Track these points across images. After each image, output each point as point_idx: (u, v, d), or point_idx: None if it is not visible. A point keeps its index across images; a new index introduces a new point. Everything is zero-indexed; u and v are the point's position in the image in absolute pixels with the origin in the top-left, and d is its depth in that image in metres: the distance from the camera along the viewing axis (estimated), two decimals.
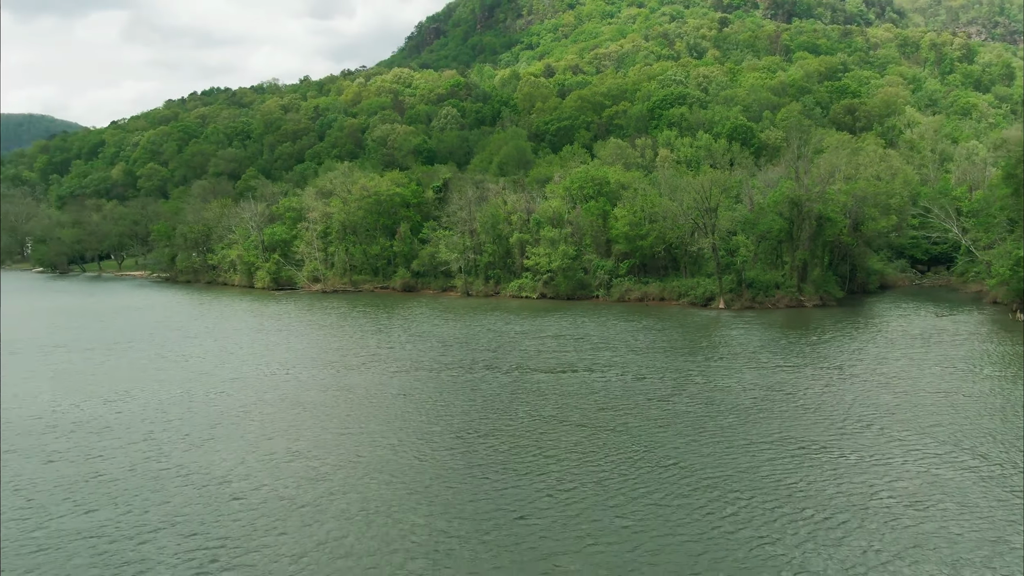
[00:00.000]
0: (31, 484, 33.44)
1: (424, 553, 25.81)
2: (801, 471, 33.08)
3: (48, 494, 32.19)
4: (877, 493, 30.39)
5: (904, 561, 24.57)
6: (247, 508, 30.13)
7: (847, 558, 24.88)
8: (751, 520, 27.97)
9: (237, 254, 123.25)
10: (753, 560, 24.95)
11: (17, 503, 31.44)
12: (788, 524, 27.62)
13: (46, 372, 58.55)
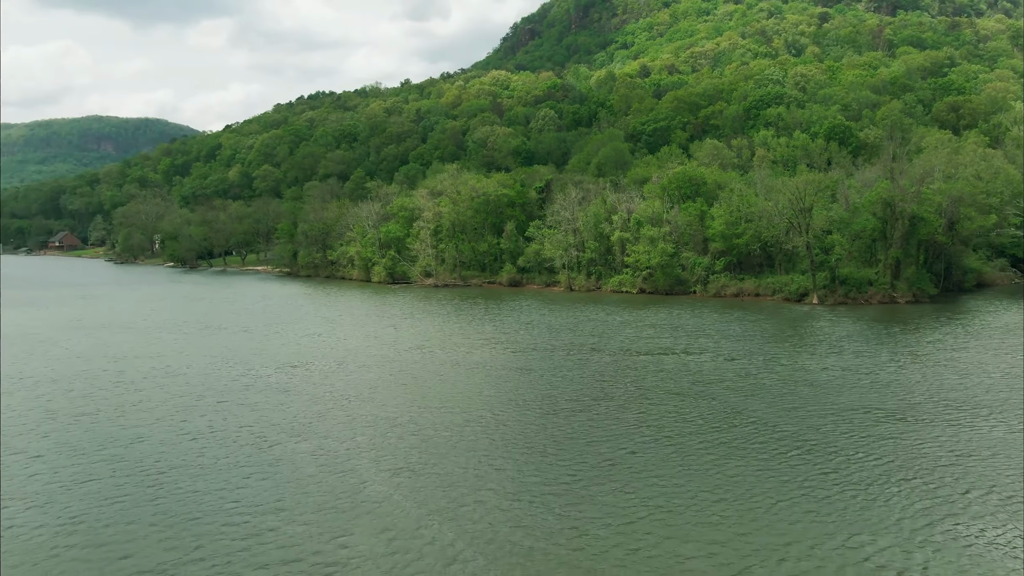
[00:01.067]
0: (271, 421, 43.43)
1: (567, 481, 34.09)
2: (875, 430, 39.87)
3: (291, 425, 42.07)
4: (939, 449, 36.95)
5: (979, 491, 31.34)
6: (425, 440, 39.16)
7: (927, 492, 31.79)
8: (832, 460, 35.09)
9: (356, 250, 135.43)
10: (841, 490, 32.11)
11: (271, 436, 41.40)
12: (876, 473, 34.60)
13: (220, 347, 69.98)
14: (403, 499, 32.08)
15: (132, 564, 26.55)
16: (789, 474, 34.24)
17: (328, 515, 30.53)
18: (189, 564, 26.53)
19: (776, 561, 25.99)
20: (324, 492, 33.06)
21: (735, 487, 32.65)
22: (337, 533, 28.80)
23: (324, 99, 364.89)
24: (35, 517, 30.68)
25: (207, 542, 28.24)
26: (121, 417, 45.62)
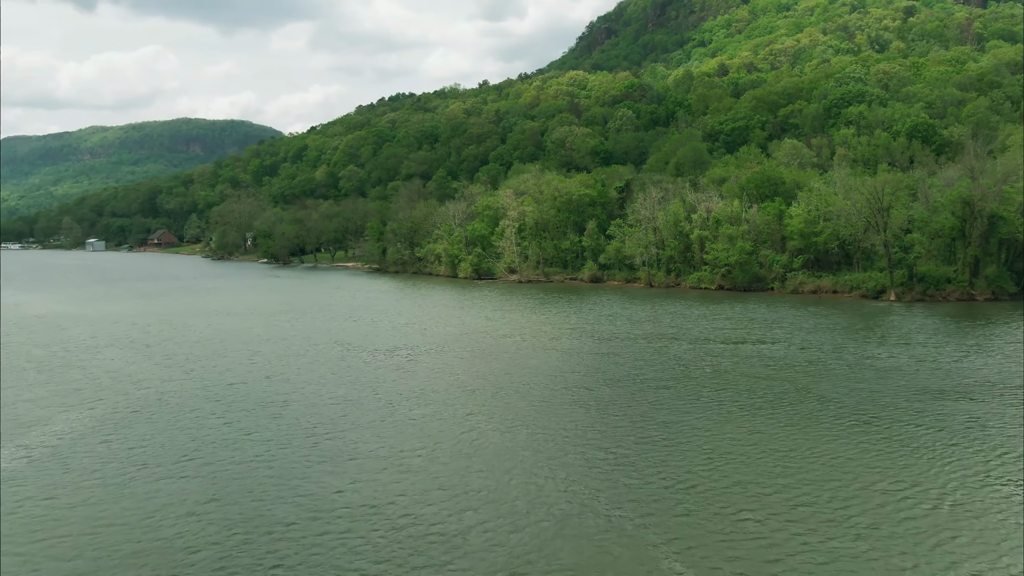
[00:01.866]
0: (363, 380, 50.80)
1: (655, 438, 40.11)
2: (933, 406, 44.63)
3: (401, 389, 49.35)
4: (990, 422, 41.56)
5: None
6: (530, 405, 45.70)
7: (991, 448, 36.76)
8: (888, 429, 40.16)
9: (443, 248, 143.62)
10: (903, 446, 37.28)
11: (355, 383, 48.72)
12: (937, 442, 39.62)
13: (334, 332, 78.24)
14: (519, 448, 38.79)
15: (317, 486, 33.92)
16: (845, 437, 39.64)
17: (459, 459, 37.47)
18: (357, 486, 33.72)
19: (826, 499, 31.59)
20: (451, 442, 40.09)
21: (799, 445, 38.24)
22: (468, 472, 35.66)
23: (404, 100, 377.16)
24: (232, 454, 38.54)
25: (365, 475, 35.49)
26: (270, 387, 53.81)
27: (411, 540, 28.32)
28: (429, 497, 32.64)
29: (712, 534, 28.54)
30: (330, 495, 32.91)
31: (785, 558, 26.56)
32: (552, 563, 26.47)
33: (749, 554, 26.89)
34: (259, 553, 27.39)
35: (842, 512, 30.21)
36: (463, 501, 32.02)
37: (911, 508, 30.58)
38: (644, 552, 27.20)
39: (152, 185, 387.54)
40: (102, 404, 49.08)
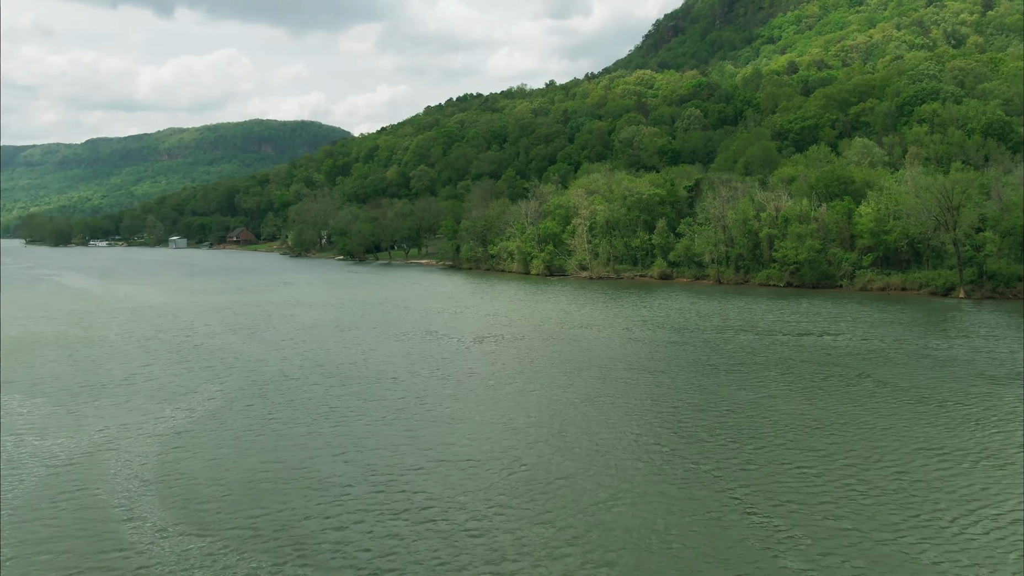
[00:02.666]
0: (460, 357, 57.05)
1: (726, 413, 45.22)
2: (983, 389, 48.61)
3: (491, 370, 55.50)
4: None
5: None
6: (611, 384, 51.26)
7: None
8: (937, 407, 44.46)
9: (515, 245, 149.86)
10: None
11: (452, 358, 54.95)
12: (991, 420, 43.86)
13: (424, 322, 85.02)
14: (605, 414, 44.45)
15: (435, 440, 40.18)
16: (897, 413, 44.24)
17: (553, 423, 43.32)
18: (469, 441, 39.86)
19: (875, 461, 36.36)
20: (545, 411, 46.00)
21: (854, 418, 42.98)
22: (562, 432, 41.47)
23: (472, 101, 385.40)
24: (359, 416, 45.18)
25: (474, 433, 41.66)
26: (375, 367, 60.66)
27: (523, 481, 34.27)
28: (535, 449, 38.59)
29: (773, 480, 33.71)
30: (449, 447, 39.23)
31: (827, 492, 31.59)
32: (646, 493, 32.03)
33: (802, 493, 31.96)
34: (403, 489, 33.70)
35: (878, 462, 35.05)
36: (561, 453, 37.86)
37: (950, 467, 35.23)
38: (719, 491, 32.54)
39: (230, 185, 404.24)
40: (234, 378, 56.54)
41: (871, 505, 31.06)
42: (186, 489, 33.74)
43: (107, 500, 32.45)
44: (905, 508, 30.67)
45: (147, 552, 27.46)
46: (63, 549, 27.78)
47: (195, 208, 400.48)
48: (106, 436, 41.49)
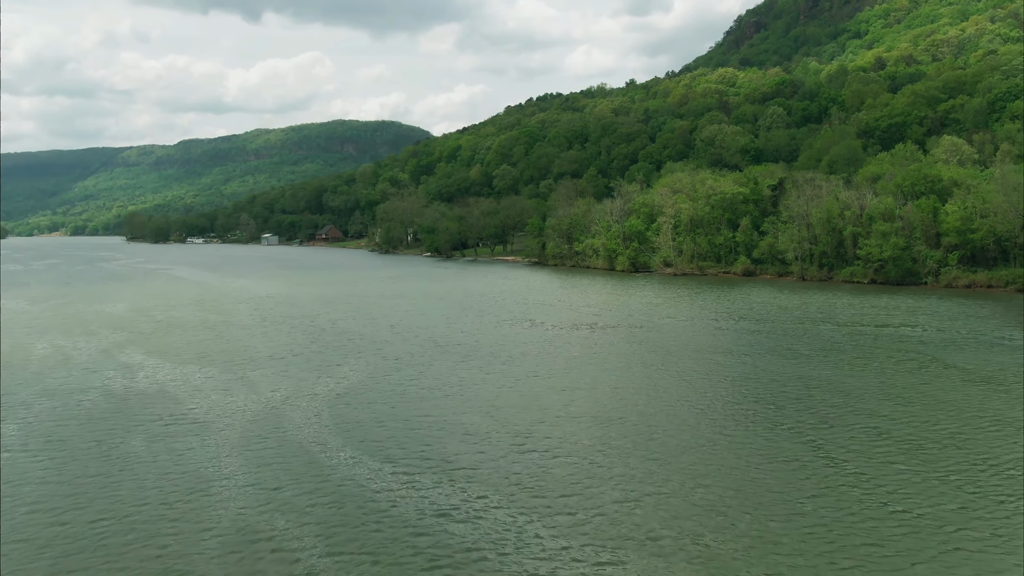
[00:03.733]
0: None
1: (804, 392, 50.78)
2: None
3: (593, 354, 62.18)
4: None
5: None
6: (704, 365, 57.26)
7: None
8: (1009, 389, 49.06)
9: (601, 242, 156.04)
10: None
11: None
12: None
13: (524, 311, 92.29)
14: (695, 387, 50.67)
15: (556, 404, 47.17)
16: (960, 389, 49.12)
17: (651, 398, 49.79)
18: (576, 404, 46.68)
19: (932, 425, 41.58)
20: (646, 380, 52.46)
21: (918, 393, 48.12)
22: (661, 396, 47.91)
23: (552, 101, 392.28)
24: (487, 386, 52.55)
25: (579, 400, 48.47)
26: (488, 349, 68.17)
27: (634, 432, 40.87)
28: (639, 409, 45.17)
29: (844, 435, 39.38)
30: (566, 407, 46.29)
31: (890, 445, 37.13)
32: (742, 443, 38.21)
33: (867, 444, 37.57)
34: (532, 435, 40.70)
35: (935, 426, 40.38)
36: (661, 413, 44.34)
37: (1000, 431, 40.32)
38: (799, 442, 38.47)
39: (318, 184, 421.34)
40: (367, 356, 64.76)
41: (930, 455, 36.55)
42: (360, 432, 41.57)
43: (301, 437, 40.53)
44: (956, 458, 36.07)
45: (348, 472, 35.16)
46: (283, 468, 35.72)
47: (284, 206, 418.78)
48: (280, 396, 49.94)
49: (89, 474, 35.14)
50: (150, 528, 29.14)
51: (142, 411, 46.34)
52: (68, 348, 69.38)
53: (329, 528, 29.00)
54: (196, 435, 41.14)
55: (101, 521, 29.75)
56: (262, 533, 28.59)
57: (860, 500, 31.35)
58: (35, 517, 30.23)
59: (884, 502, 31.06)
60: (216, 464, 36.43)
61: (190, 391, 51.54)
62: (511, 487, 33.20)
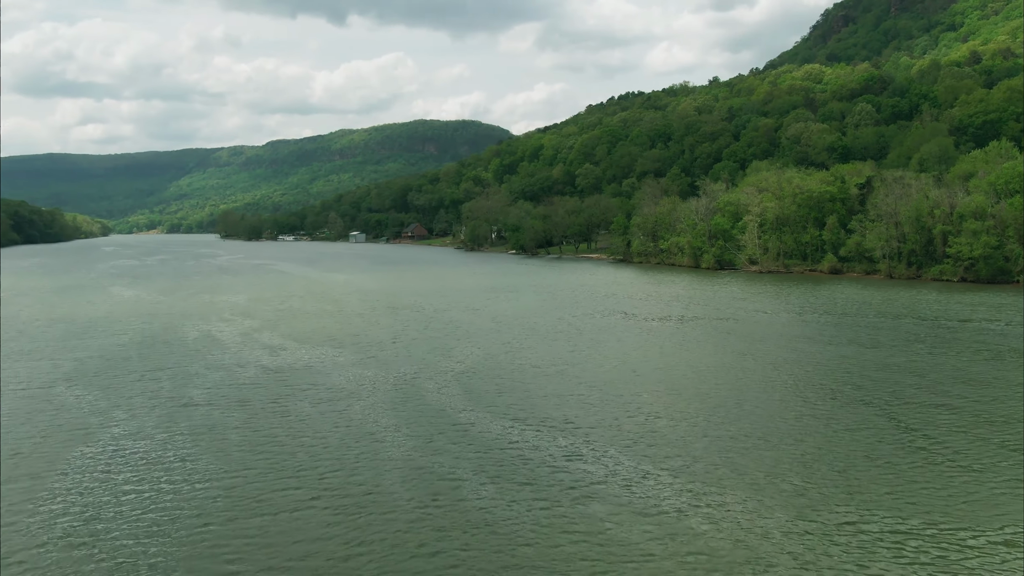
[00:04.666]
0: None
1: (894, 373, 55.19)
2: None
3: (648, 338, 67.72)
4: None
5: None
6: (796, 351, 62.13)
7: None
8: None
9: (686, 240, 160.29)
10: None
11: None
12: None
13: (612, 302, 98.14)
14: (786, 372, 55.80)
15: (653, 378, 53.10)
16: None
17: (738, 378, 55.16)
18: (676, 386, 52.48)
19: (998, 402, 45.82)
20: (740, 362, 57.83)
21: (989, 377, 52.08)
22: (757, 375, 53.25)
23: (634, 99, 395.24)
24: (594, 366, 58.87)
25: (679, 382, 54.25)
26: (589, 335, 74.48)
27: (716, 406, 46.44)
28: (738, 392, 50.70)
29: (917, 411, 44.05)
30: (674, 380, 52.10)
31: (962, 419, 41.69)
32: (829, 417, 43.40)
33: (942, 416, 42.20)
34: (638, 410, 46.71)
35: (1009, 406, 44.71)
36: (759, 388, 49.77)
37: None
38: (880, 416, 43.38)
39: (403, 183, 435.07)
40: (476, 341, 71.85)
41: (994, 426, 41.06)
42: (487, 399, 48.38)
43: (438, 402, 47.60)
44: (1018, 429, 40.58)
45: (486, 427, 41.93)
46: (431, 424, 42.73)
47: (371, 205, 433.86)
48: (411, 372, 57.39)
49: (276, 425, 42.97)
50: (338, 462, 36.50)
51: (297, 381, 54.40)
52: (212, 332, 78.85)
53: (482, 465, 35.84)
54: (350, 400, 48.74)
55: (296, 455, 37.26)
56: (428, 468, 35.62)
57: (927, 456, 36.45)
58: (245, 457, 37.92)
59: (950, 459, 36.11)
60: (375, 420, 43.83)
61: (332, 367, 59.50)
62: (626, 440, 39.46)
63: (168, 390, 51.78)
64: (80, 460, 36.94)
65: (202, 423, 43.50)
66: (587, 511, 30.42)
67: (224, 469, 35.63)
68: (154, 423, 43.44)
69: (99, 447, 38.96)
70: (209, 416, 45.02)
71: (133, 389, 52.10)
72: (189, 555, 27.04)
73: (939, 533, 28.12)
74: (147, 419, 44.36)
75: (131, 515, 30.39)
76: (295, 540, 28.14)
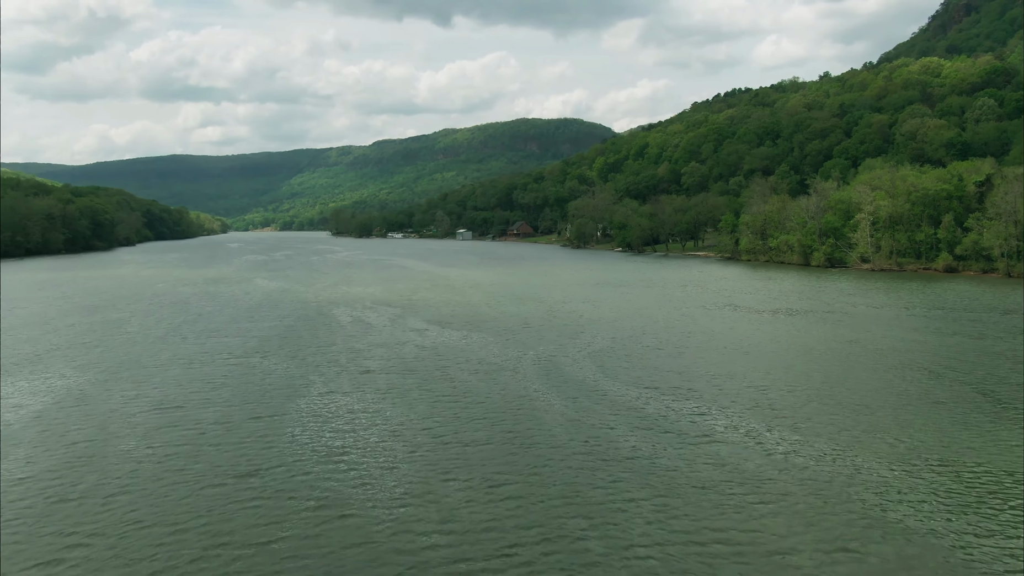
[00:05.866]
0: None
1: (990, 358, 59.20)
2: None
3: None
4: None
5: None
6: (915, 344, 66.63)
7: None
8: None
9: (796, 238, 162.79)
10: None
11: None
12: None
13: (721, 296, 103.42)
14: (904, 360, 60.71)
15: (775, 365, 59.06)
16: None
17: (859, 356, 60.40)
18: (811, 366, 58.22)
19: None
20: (854, 349, 63.02)
21: None
22: (866, 363, 58.48)
23: (741, 96, 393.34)
24: (716, 353, 65.26)
25: (810, 363, 59.97)
26: (709, 325, 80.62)
27: (833, 381, 52.10)
28: (849, 371, 56.19)
29: (1015, 389, 48.73)
30: (780, 364, 58.07)
31: None
32: (938, 401, 48.58)
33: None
34: (765, 385, 52.91)
35: None
36: (857, 378, 55.19)
37: None
38: (992, 401, 48.18)
39: (508, 182, 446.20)
40: (600, 327, 79.03)
41: None
42: (625, 374, 55.54)
43: (585, 377, 55.05)
44: None
45: (632, 395, 49.14)
46: (588, 391, 50.28)
47: (476, 203, 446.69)
48: (550, 351, 65.19)
49: (446, 388, 51.43)
50: (506, 413, 44.44)
51: (450, 356, 62.98)
52: (361, 317, 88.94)
53: (626, 418, 43.10)
54: (500, 371, 56.86)
55: (471, 408, 45.46)
56: (581, 421, 43.13)
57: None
58: (430, 410, 46.40)
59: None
60: (526, 386, 51.69)
61: (477, 346, 67.94)
62: (744, 404, 45.99)
63: (346, 360, 61.36)
64: (297, 414, 46.25)
65: (384, 385, 52.46)
66: (719, 451, 37.40)
67: (413, 419, 44.21)
68: (347, 385, 52.72)
69: (309, 403, 48.30)
70: (388, 380, 53.99)
71: (317, 359, 61.95)
72: (423, 485, 35.43)
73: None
74: (339, 382, 53.71)
75: (352, 454, 39.18)
76: (488, 466, 36.15)
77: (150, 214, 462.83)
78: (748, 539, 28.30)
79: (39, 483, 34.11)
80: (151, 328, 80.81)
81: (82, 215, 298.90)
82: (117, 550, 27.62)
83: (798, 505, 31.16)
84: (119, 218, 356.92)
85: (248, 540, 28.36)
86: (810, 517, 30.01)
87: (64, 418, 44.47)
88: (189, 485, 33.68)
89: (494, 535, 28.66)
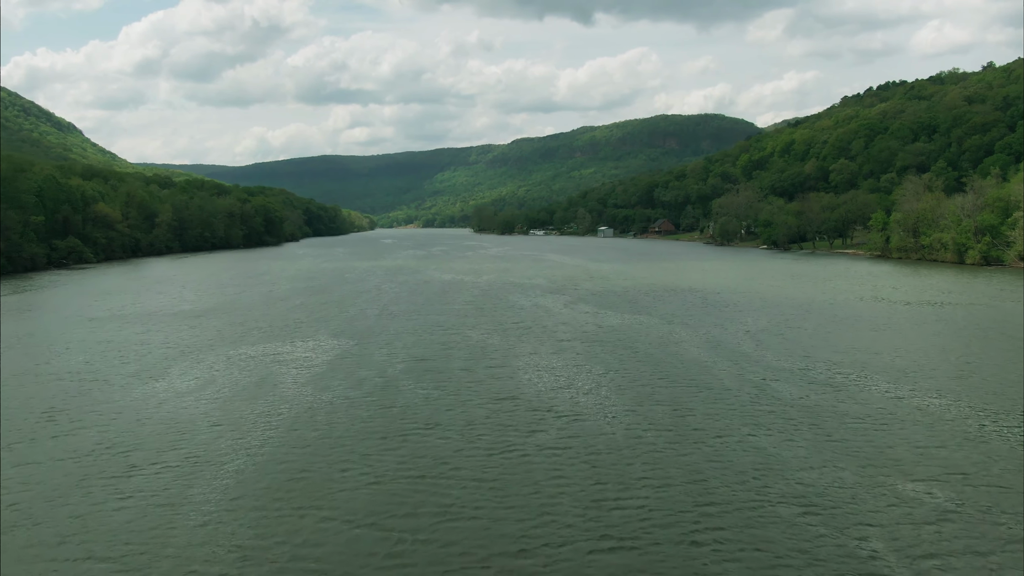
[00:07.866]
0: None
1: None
2: None
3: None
4: None
5: None
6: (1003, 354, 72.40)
7: None
8: None
9: (950, 236, 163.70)
10: None
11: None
12: None
13: (872, 292, 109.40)
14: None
15: (885, 362, 66.91)
16: None
17: (979, 351, 67.22)
18: (934, 361, 65.83)
19: None
20: (984, 343, 69.77)
21: None
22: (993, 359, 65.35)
23: (895, 89, 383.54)
24: (847, 346, 73.52)
25: (931, 356, 67.47)
26: (855, 313, 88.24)
27: (969, 366, 59.65)
28: (965, 361, 63.44)
29: None
30: (912, 367, 65.96)
31: None
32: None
33: None
34: (902, 361, 61.26)
35: None
36: (972, 371, 62.31)
37: None
38: None
39: (649, 180, 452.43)
40: (755, 313, 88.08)
41: None
42: (791, 354, 65.14)
43: (751, 348, 65.09)
44: None
45: (805, 364, 58.95)
46: (725, 372, 60.49)
47: (616, 201, 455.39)
48: (717, 332, 75.41)
49: (646, 360, 62.89)
50: (711, 376, 55.34)
51: (631, 333, 74.36)
52: (540, 303, 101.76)
53: (799, 385, 53.15)
54: (679, 344, 67.75)
55: (692, 383, 56.64)
56: (767, 387, 53.54)
57: None
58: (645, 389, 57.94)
59: None
60: (705, 358, 62.41)
61: (650, 325, 79.02)
62: (897, 376, 54.93)
63: (542, 333, 73.97)
64: (520, 370, 58.90)
65: (584, 354, 64.62)
66: (886, 410, 47.10)
67: (620, 385, 55.91)
68: (550, 350, 65.22)
69: (525, 361, 60.88)
70: (587, 350, 66.17)
71: (519, 332, 74.92)
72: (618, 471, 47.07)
73: None
74: (543, 349, 66.28)
75: (569, 405, 51.26)
76: (689, 421, 47.25)
77: (308, 212, 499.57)
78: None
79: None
80: (368, 306, 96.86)
81: (256, 213, 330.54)
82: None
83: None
84: (285, 215, 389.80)
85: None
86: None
87: (349, 366, 59.05)
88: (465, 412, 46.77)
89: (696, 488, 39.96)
